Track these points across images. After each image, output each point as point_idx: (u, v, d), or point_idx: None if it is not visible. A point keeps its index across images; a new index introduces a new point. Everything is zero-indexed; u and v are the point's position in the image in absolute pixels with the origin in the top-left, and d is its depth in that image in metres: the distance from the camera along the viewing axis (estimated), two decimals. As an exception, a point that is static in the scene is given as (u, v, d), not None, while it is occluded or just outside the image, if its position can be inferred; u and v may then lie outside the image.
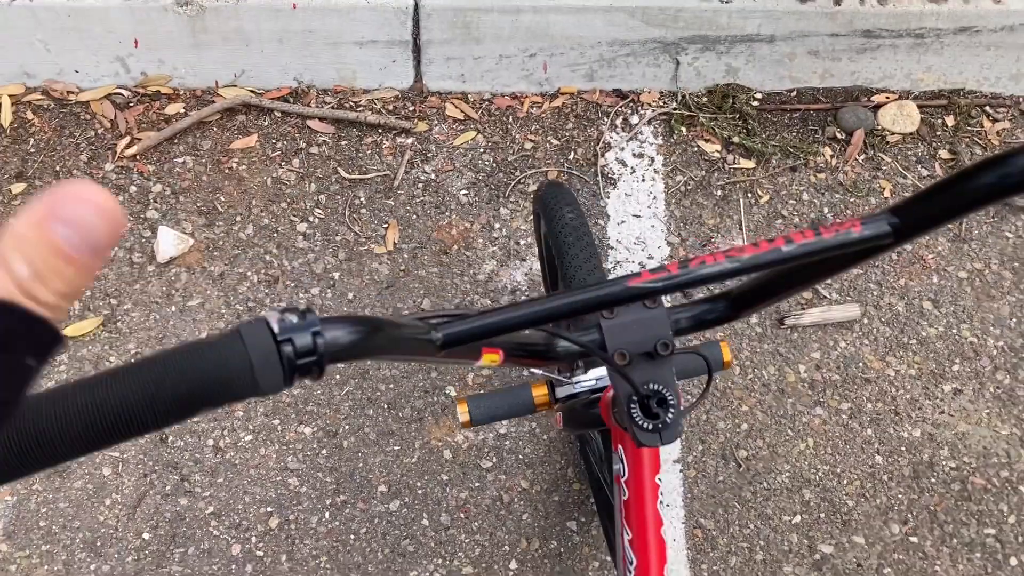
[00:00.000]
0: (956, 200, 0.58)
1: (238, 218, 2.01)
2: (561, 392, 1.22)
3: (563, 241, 1.39)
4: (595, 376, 1.21)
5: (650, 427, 0.83)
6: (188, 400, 0.45)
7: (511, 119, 2.14)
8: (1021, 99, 2.17)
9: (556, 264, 1.41)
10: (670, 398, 0.83)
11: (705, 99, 2.12)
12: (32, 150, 2.07)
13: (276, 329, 0.47)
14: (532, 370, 1.33)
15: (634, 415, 0.83)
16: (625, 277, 0.66)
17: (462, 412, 1.20)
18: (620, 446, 1.07)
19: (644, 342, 0.83)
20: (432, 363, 0.73)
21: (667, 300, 0.98)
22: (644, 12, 1.98)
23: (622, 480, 1.06)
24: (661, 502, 1.04)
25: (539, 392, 1.22)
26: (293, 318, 0.48)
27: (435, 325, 0.66)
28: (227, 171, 2.07)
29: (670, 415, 0.83)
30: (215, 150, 2.09)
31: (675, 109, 2.12)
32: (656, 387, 0.83)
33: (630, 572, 1.04)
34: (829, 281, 1.96)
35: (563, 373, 1.30)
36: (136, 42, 2.06)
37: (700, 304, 0.85)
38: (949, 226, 2.02)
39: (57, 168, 2.06)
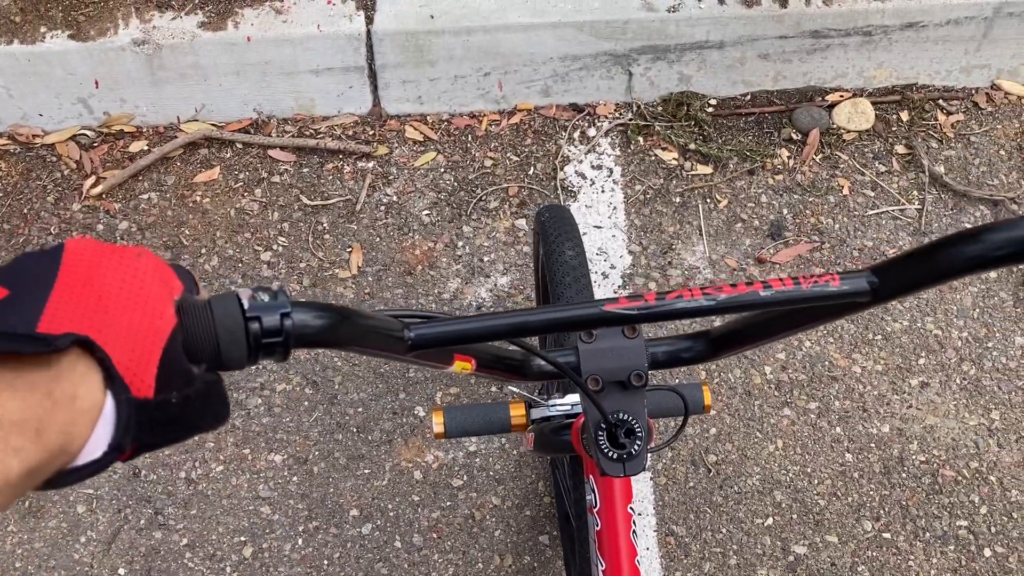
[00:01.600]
0: (933, 268, 0.60)
1: (203, 250, 2.03)
2: (536, 414, 1.20)
3: (557, 272, 1.38)
4: (571, 401, 1.19)
5: (615, 456, 0.82)
6: None
7: (470, 138, 2.16)
8: (973, 91, 2.19)
9: (548, 288, 1.39)
10: (638, 429, 0.82)
11: (660, 108, 2.14)
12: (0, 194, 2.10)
13: (246, 305, 0.48)
14: (510, 387, 1.32)
15: (600, 443, 0.83)
16: (602, 301, 0.66)
17: (437, 423, 1.18)
18: (591, 475, 1.07)
19: (619, 371, 0.82)
20: (401, 362, 0.73)
21: (647, 332, 0.99)
22: (592, 26, 2.00)
23: (594, 510, 1.05)
24: (634, 531, 1.03)
25: (517, 412, 1.20)
26: (264, 297, 0.49)
27: (408, 324, 0.66)
28: (191, 204, 2.09)
29: (636, 446, 0.82)
30: (179, 184, 2.11)
31: (631, 120, 2.14)
32: (625, 417, 0.82)
33: None
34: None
35: (540, 395, 1.30)
36: (97, 83, 2.08)
37: (679, 340, 0.85)
38: (908, 244, 2.04)
39: (25, 211, 2.08)
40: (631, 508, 1.02)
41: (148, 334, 0.42)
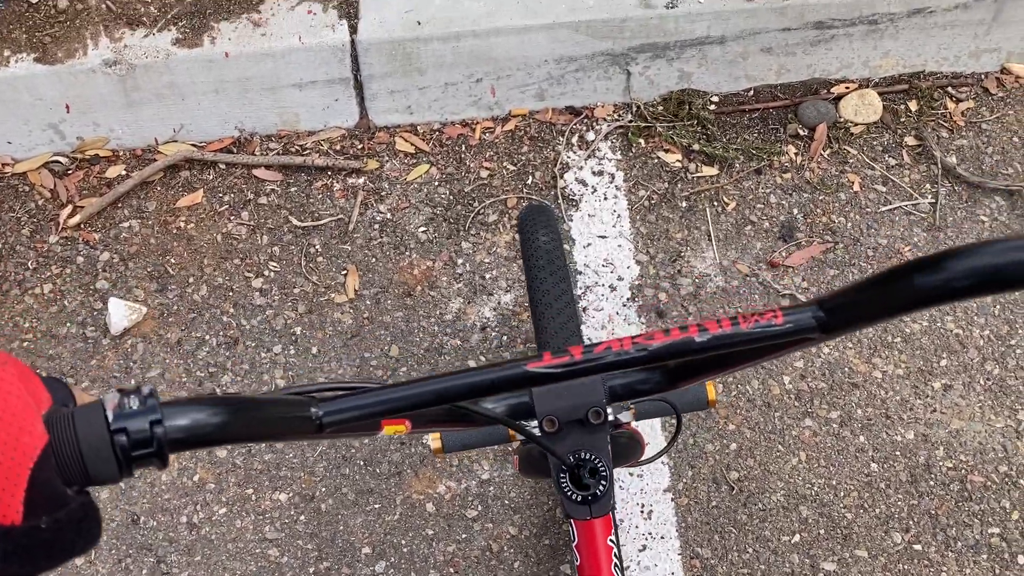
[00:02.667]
0: (886, 301, 0.53)
1: (191, 280, 1.93)
2: (519, 436, 1.18)
3: (533, 266, 1.35)
4: None
5: (579, 499, 0.81)
6: None
7: (464, 147, 2.07)
8: (983, 76, 2.12)
9: (527, 289, 1.37)
10: (601, 468, 0.81)
11: (660, 108, 2.06)
12: (-30, 230, 1.99)
13: (110, 416, 0.45)
14: None
15: (563, 486, 0.81)
16: (525, 359, 0.63)
17: (434, 439, 1.17)
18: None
19: (576, 408, 0.81)
20: (315, 440, 0.68)
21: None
22: (588, 26, 1.91)
23: (574, 546, 1.02)
24: (616, 565, 1.00)
25: None
26: (133, 403, 0.45)
27: (315, 400, 0.60)
28: (175, 231, 1.99)
29: (602, 486, 0.81)
30: (161, 210, 2.01)
31: (631, 121, 2.05)
32: (586, 456, 0.80)
33: None
34: (805, 285, 1.90)
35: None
36: (68, 107, 1.97)
37: (636, 373, 0.83)
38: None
39: (-1, 245, 1.98)
40: (611, 540, 1.00)
41: (14, 454, 0.39)
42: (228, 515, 1.72)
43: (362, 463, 1.75)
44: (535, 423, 1.15)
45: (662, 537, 1.68)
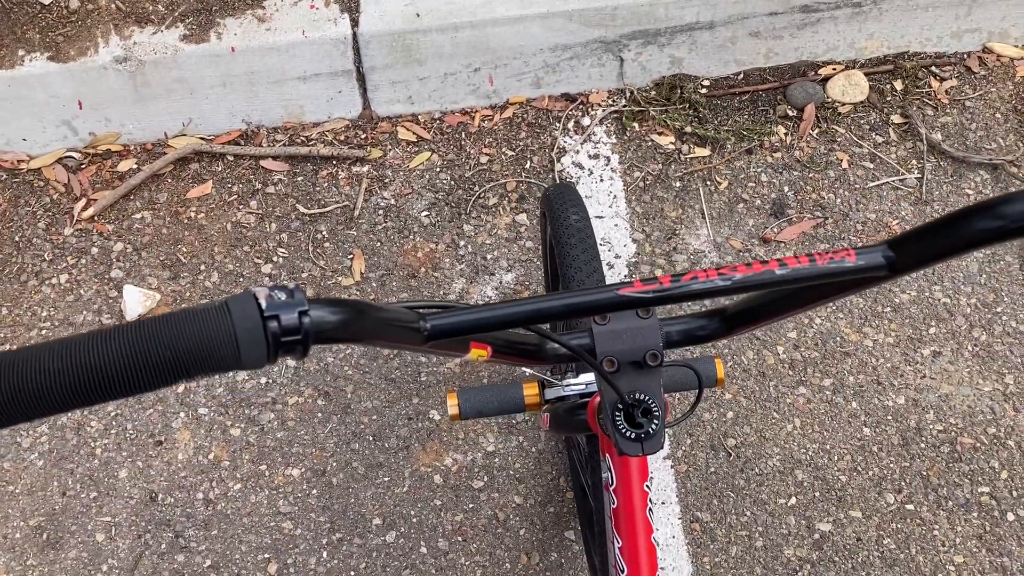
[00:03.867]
0: (951, 241, 0.59)
1: (202, 267, 2.00)
2: (550, 394, 1.21)
3: (565, 243, 1.38)
4: (585, 380, 1.20)
5: (632, 436, 0.83)
6: (171, 367, 0.45)
7: (464, 135, 2.14)
8: (965, 56, 2.18)
9: (558, 267, 1.40)
10: (655, 408, 0.83)
11: (653, 92, 2.12)
12: (-12, 224, 2.06)
13: (263, 305, 0.48)
14: (524, 369, 1.32)
15: (618, 423, 0.83)
16: (617, 285, 0.66)
17: (452, 405, 1.20)
18: (608, 454, 1.07)
19: (634, 351, 0.82)
20: (418, 352, 0.73)
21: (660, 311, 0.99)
22: (581, 15, 1.98)
23: (610, 488, 1.06)
24: (650, 509, 1.04)
25: (530, 391, 1.21)
26: (281, 295, 0.49)
27: (424, 315, 0.66)
28: (186, 221, 2.06)
29: (654, 425, 0.83)
30: (172, 201, 2.08)
31: (625, 106, 2.12)
32: (642, 396, 0.82)
33: None
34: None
35: (555, 375, 1.30)
36: (80, 104, 2.04)
37: (693, 319, 0.85)
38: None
39: (16, 239, 2.04)
40: (647, 486, 1.03)
41: None
42: (243, 491, 1.78)
43: (371, 438, 1.81)
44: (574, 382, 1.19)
45: (663, 503, 1.74)
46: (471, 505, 1.75)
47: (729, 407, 1.81)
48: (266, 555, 1.72)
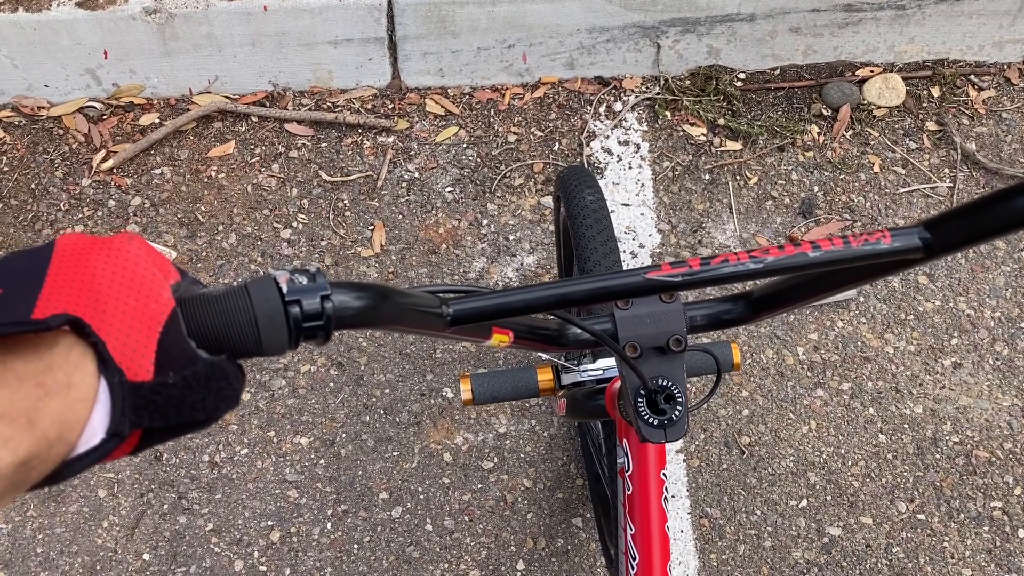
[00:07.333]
0: (990, 221, 0.57)
1: (220, 227, 1.97)
2: (567, 379, 1.20)
3: (580, 224, 1.36)
4: (603, 366, 1.19)
5: (656, 423, 0.81)
6: None
7: (493, 112, 2.10)
8: (1006, 66, 2.16)
9: (573, 250, 1.38)
10: (678, 395, 0.81)
11: (688, 82, 2.09)
12: (5, 168, 2.02)
13: (284, 289, 0.46)
14: (540, 354, 1.30)
15: (640, 409, 0.81)
16: (644, 268, 0.64)
17: (465, 390, 1.19)
18: (625, 440, 1.05)
19: (657, 336, 0.81)
20: (440, 338, 0.71)
21: (684, 295, 0.97)
22: (622, -3, 1.94)
23: (626, 474, 1.04)
24: (665, 497, 1.03)
25: (544, 376, 1.20)
26: (303, 279, 0.47)
27: (446, 300, 0.65)
28: (206, 180, 2.02)
29: (677, 412, 0.81)
30: (193, 159, 2.05)
31: (658, 94, 2.09)
32: (665, 382, 0.81)
33: (632, 567, 1.02)
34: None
35: (570, 359, 1.28)
36: (105, 53, 2.01)
37: (718, 303, 0.83)
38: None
39: (32, 186, 2.01)
40: (664, 474, 1.02)
41: (144, 317, 0.41)
42: (249, 456, 1.76)
43: (382, 411, 1.79)
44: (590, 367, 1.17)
45: (673, 496, 1.72)
46: (479, 485, 1.73)
47: (745, 404, 1.80)
48: (269, 522, 1.70)
